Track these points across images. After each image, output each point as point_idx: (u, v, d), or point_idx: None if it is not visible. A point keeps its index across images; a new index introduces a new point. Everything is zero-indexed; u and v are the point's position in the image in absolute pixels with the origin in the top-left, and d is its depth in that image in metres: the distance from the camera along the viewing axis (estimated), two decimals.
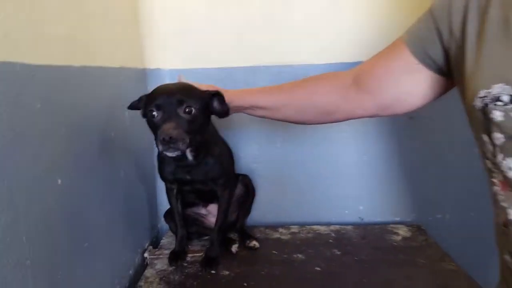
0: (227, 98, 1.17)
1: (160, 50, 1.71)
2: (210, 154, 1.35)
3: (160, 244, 1.65)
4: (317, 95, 1.12)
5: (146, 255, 1.54)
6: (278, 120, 1.23)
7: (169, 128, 1.03)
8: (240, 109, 1.22)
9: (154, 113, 1.10)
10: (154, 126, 1.11)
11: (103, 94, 1.26)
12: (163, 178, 1.44)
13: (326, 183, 1.80)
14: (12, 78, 0.76)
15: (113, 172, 1.31)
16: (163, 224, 1.77)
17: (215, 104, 1.19)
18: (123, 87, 1.35)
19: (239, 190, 1.65)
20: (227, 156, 1.50)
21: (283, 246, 1.59)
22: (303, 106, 1.14)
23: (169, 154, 1.06)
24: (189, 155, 1.29)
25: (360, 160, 1.78)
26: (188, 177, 1.38)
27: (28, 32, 0.82)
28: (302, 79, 1.18)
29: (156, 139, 1.06)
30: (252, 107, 1.20)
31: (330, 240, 1.64)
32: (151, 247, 1.60)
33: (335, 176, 1.80)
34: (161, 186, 1.73)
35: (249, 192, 1.68)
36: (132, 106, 1.19)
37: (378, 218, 1.83)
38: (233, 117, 1.27)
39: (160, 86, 1.17)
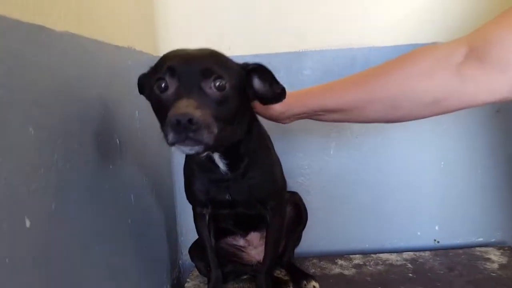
0: (282, 105, 0.86)
1: (176, 32, 1.32)
2: (258, 164, 0.96)
3: None
4: (417, 79, 0.81)
5: None
6: (357, 122, 0.95)
7: (187, 106, 0.66)
8: (302, 116, 0.93)
9: (165, 82, 0.72)
10: (162, 105, 0.72)
11: (104, 81, 0.88)
12: (192, 199, 1.04)
13: (392, 198, 1.44)
14: None
15: (119, 193, 0.92)
16: (184, 260, 1.37)
17: (256, 83, 0.83)
18: (132, 73, 0.96)
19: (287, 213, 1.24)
20: (280, 168, 1.10)
21: (348, 286, 1.21)
22: (397, 98, 0.83)
23: (185, 149, 0.71)
24: (220, 162, 0.90)
25: (435, 168, 1.42)
26: (227, 197, 0.98)
27: None
28: (383, 63, 0.87)
29: (163, 126, 0.70)
30: (318, 112, 0.91)
31: (410, 274, 1.26)
32: None
33: (403, 190, 1.43)
34: (182, 209, 1.34)
35: (301, 214, 1.28)
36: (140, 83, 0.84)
37: (458, 240, 1.47)
38: None
39: (176, 49, 0.79)
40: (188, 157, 0.97)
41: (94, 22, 0.83)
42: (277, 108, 0.92)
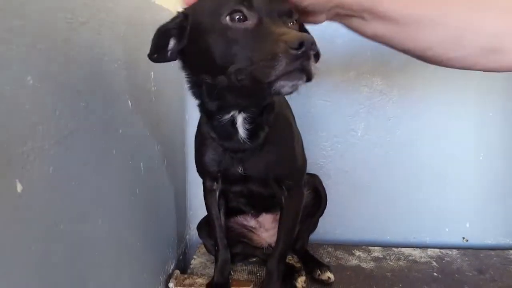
0: None
1: None
2: (277, 138, 0.87)
3: (191, 266, 1.18)
4: (491, 16, 0.68)
5: (171, 285, 1.05)
6: (402, 48, 0.75)
7: (295, 31, 0.61)
8: (341, 12, 0.73)
9: (241, 14, 0.63)
10: (237, 39, 0.63)
11: (117, 33, 0.77)
12: (202, 171, 0.95)
13: (421, 189, 1.33)
14: None
15: (127, 160, 0.83)
16: (192, 235, 1.29)
17: None
18: (149, 28, 0.85)
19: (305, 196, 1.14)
20: (301, 145, 0.99)
21: (367, 280, 1.12)
22: (461, 31, 0.69)
23: (291, 84, 0.60)
24: (241, 127, 0.80)
25: (473, 160, 1.31)
26: (240, 170, 0.88)
27: None
28: None
29: (240, 66, 0.62)
30: (364, 14, 0.72)
31: (435, 273, 1.17)
32: (177, 271, 1.11)
33: (434, 181, 1.32)
34: (192, 182, 1.25)
35: (320, 199, 1.19)
36: (161, 37, 0.71)
37: (489, 240, 1.37)
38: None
39: None
40: (204, 122, 0.86)
41: None
42: None
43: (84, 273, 0.65)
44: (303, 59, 0.57)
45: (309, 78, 0.60)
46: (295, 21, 0.69)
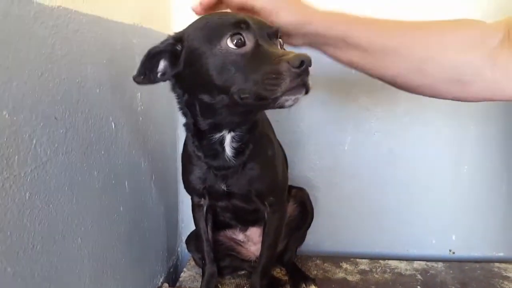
0: (298, 18, 0.78)
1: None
2: (259, 155, 0.90)
3: (180, 279, 1.20)
4: (449, 49, 0.73)
5: None
6: (374, 75, 0.81)
7: (292, 52, 0.67)
8: (319, 41, 0.80)
9: (240, 38, 0.69)
10: (237, 61, 0.68)
11: (99, 60, 0.80)
12: (188, 188, 0.99)
13: (408, 202, 1.35)
14: None
15: (110, 180, 0.86)
16: (183, 247, 1.32)
17: None
18: (136, 51, 0.89)
19: (291, 209, 1.18)
20: (283, 161, 1.03)
21: None
22: (425, 62, 0.75)
23: (294, 98, 0.67)
24: (229, 146, 0.85)
25: (457, 172, 1.32)
26: (223, 187, 0.92)
27: None
28: (429, 21, 0.78)
29: (229, 86, 0.69)
30: (338, 42, 0.78)
31: (418, 286, 1.18)
32: (166, 284, 1.15)
33: (421, 193, 1.34)
34: (184, 196, 1.29)
35: (306, 213, 1.21)
36: (151, 60, 0.73)
37: (475, 253, 1.38)
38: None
39: (217, 12, 0.80)
40: (190, 141, 0.90)
41: None
42: (292, 18, 0.79)
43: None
44: (304, 76, 0.64)
45: (307, 91, 0.67)
46: (281, 42, 0.75)
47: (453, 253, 1.36)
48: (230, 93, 0.69)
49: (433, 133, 1.29)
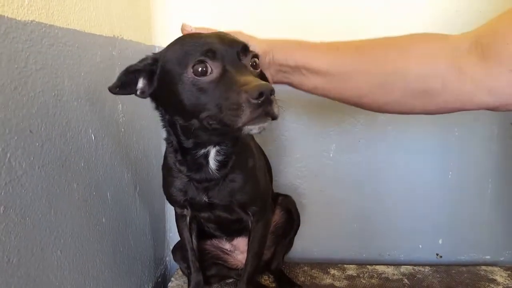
0: (262, 48, 0.79)
1: (173, 23, 1.25)
2: (240, 166, 0.91)
3: None
4: (413, 61, 0.73)
5: None
6: (341, 99, 0.82)
7: (257, 80, 0.67)
8: (282, 70, 0.83)
9: (206, 66, 0.69)
10: (202, 90, 0.69)
11: (77, 73, 0.81)
12: (170, 199, 1.00)
13: (394, 207, 1.35)
14: None
15: (91, 192, 0.87)
16: (172, 257, 1.32)
17: None
18: (116, 63, 0.90)
19: (278, 217, 1.19)
20: (264, 171, 1.03)
21: None
22: (388, 76, 0.75)
23: (258, 127, 0.67)
24: (213, 159, 0.85)
25: (443, 178, 1.33)
26: (205, 199, 0.92)
27: None
28: (387, 37, 0.78)
29: (201, 112, 0.70)
30: (300, 69, 0.80)
31: None
32: None
33: (407, 199, 1.35)
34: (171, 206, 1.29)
35: (292, 220, 1.21)
36: (128, 75, 0.74)
37: (462, 256, 1.39)
38: None
39: (192, 34, 0.78)
40: (170, 155, 0.91)
41: (68, 11, 0.76)
42: (259, 46, 0.82)
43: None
44: (265, 106, 0.63)
45: (274, 118, 0.66)
46: (255, 59, 0.75)
47: (440, 257, 1.37)
48: (199, 118, 0.71)
49: (417, 140, 1.30)
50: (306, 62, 0.79)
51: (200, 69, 0.69)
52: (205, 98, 0.69)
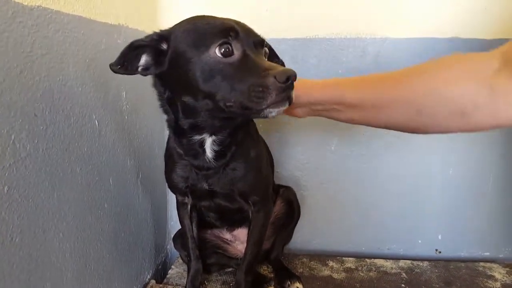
0: (301, 87, 0.80)
1: (179, 13, 1.25)
2: (242, 155, 0.91)
3: (168, 276, 1.22)
4: (445, 84, 0.74)
5: None
6: (377, 126, 0.86)
7: (278, 65, 0.70)
8: (318, 109, 0.87)
9: (229, 47, 0.70)
10: (223, 70, 0.70)
11: (82, 60, 0.82)
12: (171, 186, 1.00)
13: (394, 202, 1.36)
14: None
15: (94, 177, 0.89)
16: (172, 245, 1.33)
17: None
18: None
19: (278, 208, 1.20)
20: (266, 161, 1.04)
21: None
22: (422, 101, 0.76)
23: (279, 110, 0.69)
24: (209, 148, 0.86)
25: (444, 174, 1.33)
26: (206, 186, 0.93)
27: None
28: (412, 66, 0.80)
29: (220, 92, 0.70)
30: (336, 106, 0.84)
31: (402, 285, 1.19)
32: (153, 281, 1.16)
33: (407, 194, 1.35)
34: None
35: (293, 211, 1.22)
36: (132, 51, 0.73)
37: (462, 252, 1.38)
38: None
39: (202, 16, 0.77)
40: (172, 142, 0.92)
41: None
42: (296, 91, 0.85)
43: (44, 283, 0.70)
44: (289, 90, 0.67)
45: (290, 103, 0.69)
46: (266, 51, 0.78)
47: (440, 252, 1.37)
48: (215, 99, 0.71)
49: (419, 136, 1.29)
50: (341, 97, 0.82)
51: (223, 50, 0.69)
52: (225, 79, 0.70)
